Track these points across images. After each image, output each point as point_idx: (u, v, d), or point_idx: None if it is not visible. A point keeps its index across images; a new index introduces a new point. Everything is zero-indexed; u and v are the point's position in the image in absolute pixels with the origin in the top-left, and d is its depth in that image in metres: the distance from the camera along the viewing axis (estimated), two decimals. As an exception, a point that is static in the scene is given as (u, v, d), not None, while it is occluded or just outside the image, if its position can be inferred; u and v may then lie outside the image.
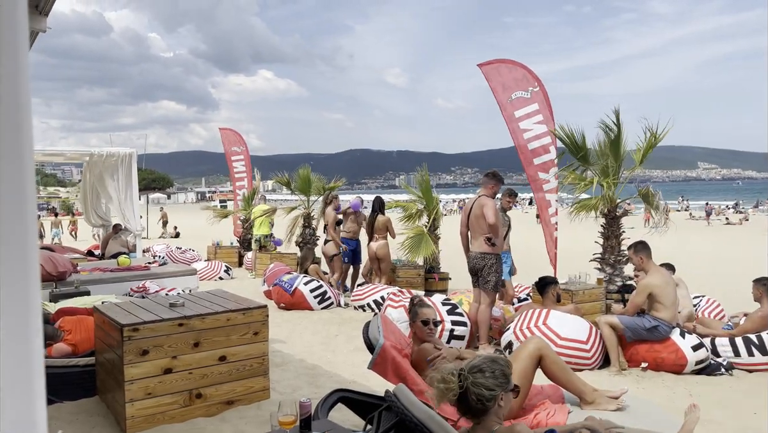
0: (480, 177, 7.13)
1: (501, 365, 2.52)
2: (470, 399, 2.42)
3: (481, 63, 8.47)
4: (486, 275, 6.31)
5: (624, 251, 7.68)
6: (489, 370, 2.47)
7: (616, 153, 7.43)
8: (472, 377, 2.44)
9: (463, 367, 2.52)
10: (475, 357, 2.60)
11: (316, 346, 6.46)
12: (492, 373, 2.47)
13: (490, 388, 2.43)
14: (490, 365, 2.50)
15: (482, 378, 2.44)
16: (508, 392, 2.48)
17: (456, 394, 2.43)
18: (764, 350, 5.69)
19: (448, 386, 2.43)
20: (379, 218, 9.15)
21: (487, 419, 2.44)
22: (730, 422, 4.28)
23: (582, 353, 5.62)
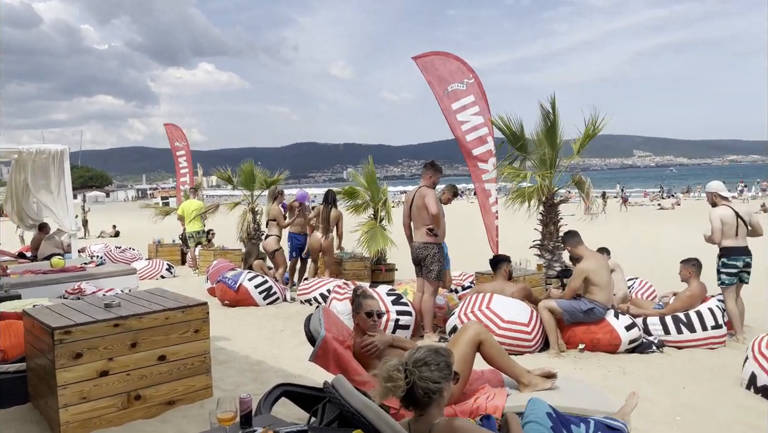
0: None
1: (444, 356, 2.52)
2: (417, 393, 2.40)
3: (416, 56, 8.48)
4: (429, 264, 6.40)
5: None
6: (434, 363, 2.46)
7: (553, 142, 7.64)
8: (417, 371, 2.42)
9: (406, 361, 2.49)
10: (417, 349, 2.56)
11: (261, 342, 6.40)
12: (437, 366, 2.46)
13: (436, 381, 2.43)
14: (434, 357, 2.48)
15: (428, 372, 2.43)
16: (450, 382, 2.49)
17: (404, 390, 2.40)
18: (692, 328, 6.00)
19: (395, 384, 2.39)
20: (333, 212, 9.12)
21: (430, 410, 2.44)
22: (661, 397, 4.49)
23: (524, 336, 5.78)
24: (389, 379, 2.41)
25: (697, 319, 6.01)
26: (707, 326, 5.99)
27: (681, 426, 3.91)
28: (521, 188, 7.82)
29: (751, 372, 4.59)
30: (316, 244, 9.08)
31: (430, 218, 6.34)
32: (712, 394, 4.59)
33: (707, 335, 5.97)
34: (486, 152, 8.35)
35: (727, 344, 6.06)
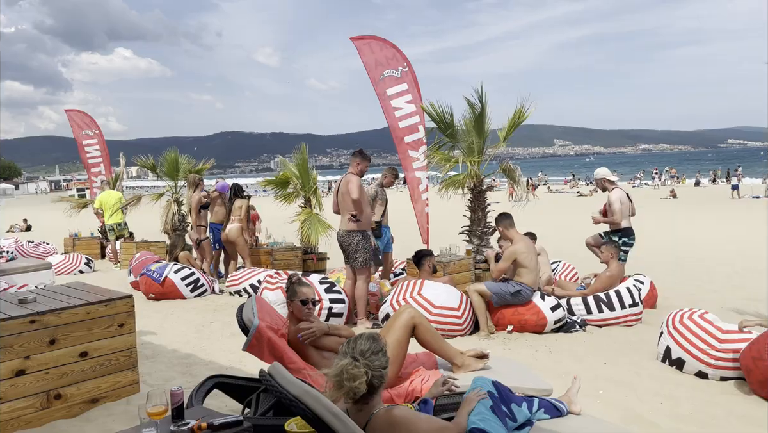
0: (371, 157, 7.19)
1: (383, 341, 2.52)
2: (374, 384, 2.37)
3: (354, 37, 8.46)
4: (353, 252, 6.41)
5: (489, 223, 8.12)
6: (380, 349, 2.45)
7: (480, 130, 7.78)
8: (370, 362, 2.39)
9: (355, 356, 2.40)
10: (356, 341, 2.49)
11: (190, 335, 6.21)
12: (382, 351, 2.46)
13: (385, 366, 2.42)
14: (377, 344, 2.47)
15: (378, 360, 2.41)
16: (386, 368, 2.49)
17: (366, 386, 2.33)
18: (612, 306, 6.31)
19: (358, 382, 2.32)
20: (236, 202, 8.95)
21: (373, 399, 2.42)
22: (584, 373, 4.68)
23: (455, 320, 5.90)
24: (351, 378, 2.32)
25: (617, 298, 6.33)
26: (625, 305, 6.31)
27: (603, 399, 4.11)
28: (452, 175, 7.94)
29: (666, 346, 4.87)
30: (224, 237, 8.96)
31: (353, 205, 6.35)
32: (631, 368, 4.84)
33: (625, 312, 6.30)
34: (417, 140, 8.44)
35: (643, 321, 6.41)
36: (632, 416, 3.78)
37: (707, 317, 4.76)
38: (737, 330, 4.50)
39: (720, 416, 3.78)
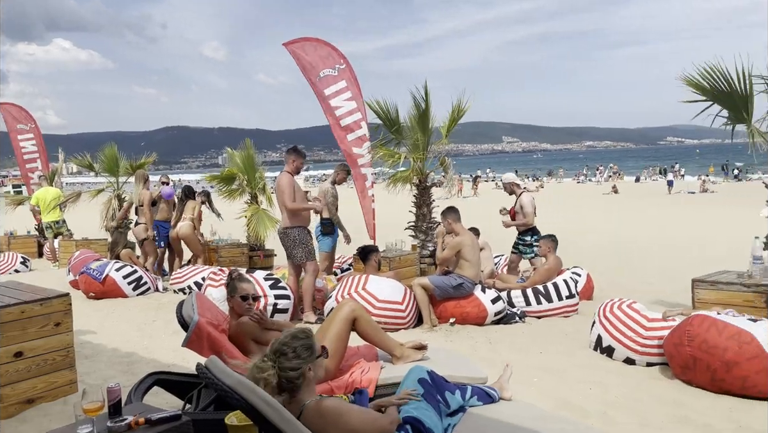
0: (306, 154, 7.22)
1: (302, 339, 2.56)
2: (282, 382, 2.47)
3: (287, 42, 8.35)
4: (291, 248, 6.46)
5: (435, 218, 8.29)
6: (291, 350, 2.51)
7: (425, 127, 7.93)
8: (278, 362, 2.49)
9: (268, 352, 2.55)
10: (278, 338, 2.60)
11: (132, 333, 6.12)
12: (294, 352, 2.51)
13: (294, 368, 2.49)
14: (290, 343, 2.53)
15: (286, 361, 2.49)
16: (314, 361, 2.54)
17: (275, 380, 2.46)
18: (550, 298, 6.55)
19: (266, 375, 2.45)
20: (189, 203, 8.86)
21: (299, 394, 2.50)
22: (520, 362, 4.88)
23: (398, 314, 6.02)
24: (260, 370, 2.47)
25: (554, 290, 6.58)
26: (562, 296, 6.57)
27: (537, 386, 4.29)
28: (398, 172, 8.07)
29: (598, 334, 5.12)
30: (173, 234, 8.84)
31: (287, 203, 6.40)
32: (565, 356, 5.07)
33: (562, 304, 6.56)
34: (360, 137, 8.47)
35: (580, 312, 6.68)
36: (563, 402, 3.97)
37: (635, 306, 5.02)
38: (662, 319, 4.76)
39: (644, 399, 4.01)
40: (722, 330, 4.05)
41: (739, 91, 5.88)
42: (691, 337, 4.16)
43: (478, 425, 2.82)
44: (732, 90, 5.91)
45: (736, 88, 5.88)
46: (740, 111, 5.97)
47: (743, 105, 5.92)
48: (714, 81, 5.98)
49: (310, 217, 6.88)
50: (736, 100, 5.92)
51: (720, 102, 6.08)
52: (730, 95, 5.94)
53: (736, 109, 5.96)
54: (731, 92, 5.92)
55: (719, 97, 6.03)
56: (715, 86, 5.99)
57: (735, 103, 5.96)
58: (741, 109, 5.93)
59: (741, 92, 5.88)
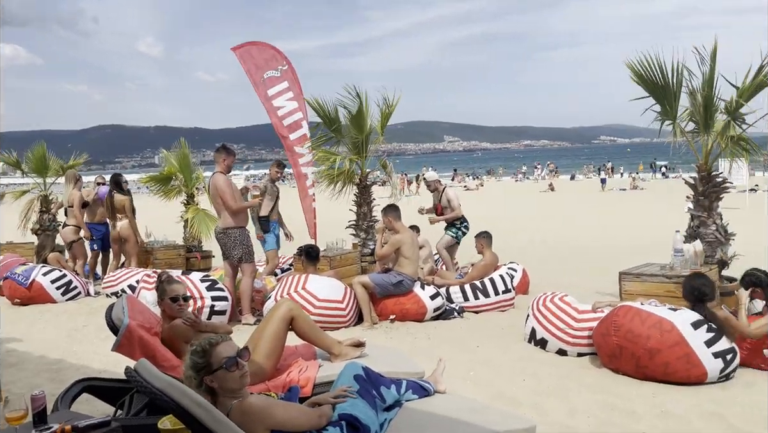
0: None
1: (197, 351, 2.50)
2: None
3: (234, 47, 8.59)
4: (230, 249, 6.37)
5: (375, 217, 8.33)
6: (188, 360, 2.51)
7: (361, 127, 7.97)
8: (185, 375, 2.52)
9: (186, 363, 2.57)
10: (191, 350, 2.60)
11: (60, 340, 5.88)
12: (187, 365, 2.51)
13: (189, 377, 2.49)
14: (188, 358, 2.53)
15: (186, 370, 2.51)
16: (218, 371, 2.45)
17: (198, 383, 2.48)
18: (486, 293, 6.71)
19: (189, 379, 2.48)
20: (116, 199, 8.53)
21: (219, 399, 2.48)
22: (457, 356, 4.99)
23: (338, 312, 6.03)
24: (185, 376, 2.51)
25: (491, 285, 6.74)
26: (499, 291, 6.74)
27: (473, 379, 4.40)
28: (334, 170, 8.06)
29: (532, 327, 5.28)
30: (114, 234, 8.55)
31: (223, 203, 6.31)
32: (500, 349, 5.21)
33: (499, 298, 6.73)
34: (301, 137, 8.55)
35: (516, 306, 6.87)
36: (497, 393, 4.08)
37: (566, 299, 5.21)
38: (591, 310, 4.96)
39: (573, 387, 4.17)
40: (645, 319, 4.26)
41: (671, 85, 6.08)
42: (617, 327, 4.36)
43: (413, 419, 2.87)
44: (665, 84, 6.10)
45: (669, 82, 6.09)
46: (669, 106, 6.19)
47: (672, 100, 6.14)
48: (651, 73, 6.13)
49: (248, 217, 6.81)
50: (668, 95, 6.13)
51: (654, 96, 6.25)
52: (664, 89, 6.13)
53: (667, 103, 6.16)
54: (665, 86, 6.11)
55: (654, 90, 6.21)
56: (651, 78, 6.16)
57: (667, 98, 6.15)
58: (669, 104, 6.16)
59: (672, 87, 6.09)
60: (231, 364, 2.47)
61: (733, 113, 5.77)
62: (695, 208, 6.12)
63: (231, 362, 2.48)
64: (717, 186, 6.00)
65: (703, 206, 6.03)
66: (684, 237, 6.00)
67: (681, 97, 6.06)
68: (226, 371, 2.45)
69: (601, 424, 3.57)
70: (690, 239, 5.92)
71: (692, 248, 5.57)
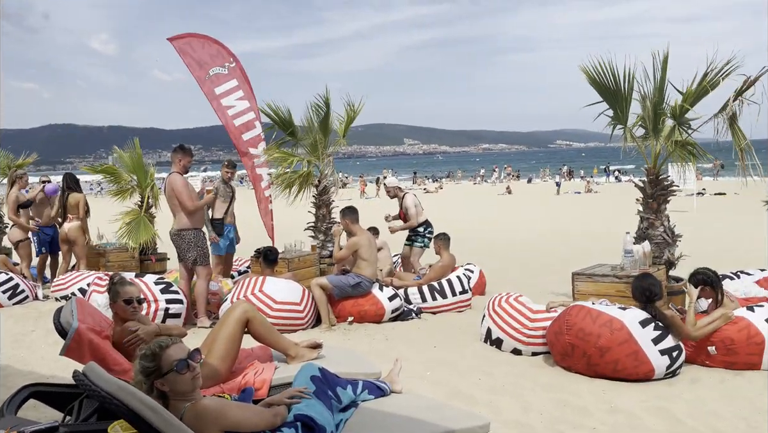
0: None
1: (147, 355, 2.49)
2: None
3: (171, 37, 7.99)
4: (185, 251, 6.27)
5: (334, 219, 8.32)
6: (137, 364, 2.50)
7: (325, 129, 7.96)
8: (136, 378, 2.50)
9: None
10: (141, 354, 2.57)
11: (6, 345, 5.68)
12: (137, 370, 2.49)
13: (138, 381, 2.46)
14: (137, 362, 2.51)
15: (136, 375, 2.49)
16: (168, 374, 2.44)
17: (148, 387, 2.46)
18: (444, 294, 6.78)
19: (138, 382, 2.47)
20: (71, 197, 8.26)
21: (170, 402, 2.45)
22: (415, 356, 5.04)
23: (296, 315, 6.01)
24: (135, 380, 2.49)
25: (448, 286, 6.81)
26: (456, 292, 6.81)
27: (430, 379, 4.45)
28: (293, 172, 8.02)
29: (488, 327, 5.36)
30: (62, 235, 8.28)
31: (180, 204, 6.22)
32: (457, 349, 5.27)
33: (456, 299, 6.80)
34: (255, 137, 8.31)
35: (473, 306, 6.95)
36: (454, 391, 4.14)
37: (521, 299, 5.31)
38: (545, 310, 5.07)
39: (527, 386, 4.26)
40: (596, 318, 4.38)
41: (623, 90, 6.27)
42: (569, 326, 4.47)
43: (368, 418, 2.89)
44: (617, 89, 6.28)
45: (621, 87, 6.26)
46: (621, 111, 6.37)
47: (623, 106, 6.33)
48: (603, 78, 6.28)
49: (204, 218, 6.71)
50: (619, 100, 6.31)
51: (607, 100, 6.42)
52: (616, 94, 6.31)
53: (619, 108, 6.34)
54: (616, 91, 6.29)
55: (607, 95, 6.38)
56: (603, 82, 6.31)
57: (618, 103, 6.33)
58: (621, 109, 6.34)
59: (624, 92, 6.27)
60: (182, 367, 2.45)
61: (678, 118, 5.99)
62: (644, 210, 6.33)
63: (182, 365, 2.46)
64: (665, 189, 6.22)
65: (651, 209, 6.24)
66: (633, 239, 6.19)
67: (632, 103, 6.24)
68: (177, 374, 2.43)
69: (553, 421, 3.65)
70: (639, 241, 6.12)
71: (641, 249, 5.76)
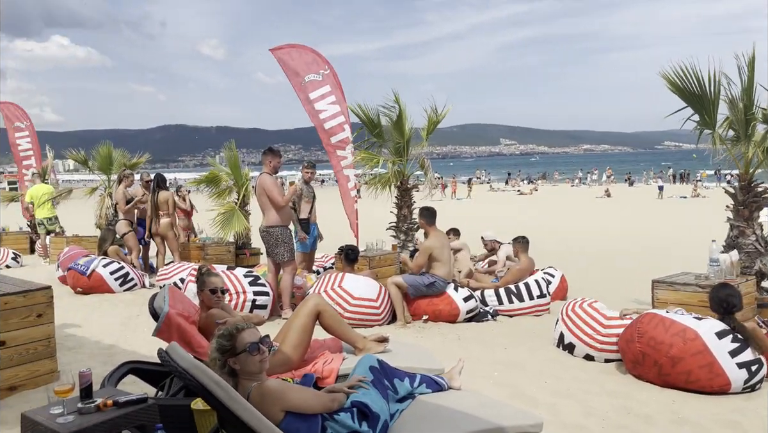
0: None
1: (224, 335, 2.76)
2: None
3: (273, 48, 8.74)
4: (273, 247, 6.67)
5: (415, 219, 8.51)
6: (214, 343, 2.77)
7: (401, 131, 8.17)
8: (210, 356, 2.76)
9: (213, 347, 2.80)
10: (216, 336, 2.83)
11: (115, 327, 6.33)
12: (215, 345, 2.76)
13: (213, 358, 2.74)
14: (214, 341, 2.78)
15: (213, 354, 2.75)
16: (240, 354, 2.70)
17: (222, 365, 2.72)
18: (521, 298, 6.78)
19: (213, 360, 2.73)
20: (161, 195, 9.02)
21: (239, 380, 2.73)
22: (486, 357, 5.12)
23: (373, 311, 6.25)
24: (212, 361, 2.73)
25: (525, 290, 6.80)
26: (533, 296, 6.79)
27: (495, 379, 4.52)
28: (377, 174, 8.30)
29: (560, 332, 5.34)
30: (154, 230, 9.04)
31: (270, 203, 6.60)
32: (528, 352, 5.29)
33: (533, 303, 6.78)
34: (344, 139, 8.76)
35: (552, 311, 6.89)
36: (517, 392, 4.19)
37: (595, 305, 5.25)
38: (619, 317, 4.99)
39: (593, 391, 4.24)
40: (669, 327, 4.28)
41: (709, 94, 6.02)
42: (641, 334, 4.39)
43: (422, 410, 3.04)
44: (702, 93, 6.04)
45: (706, 91, 6.03)
46: (708, 116, 6.11)
47: (710, 109, 6.07)
48: (687, 83, 6.08)
49: (291, 216, 7.09)
50: (705, 104, 6.06)
51: (692, 105, 6.19)
52: (701, 98, 6.07)
53: (705, 113, 6.09)
54: (702, 95, 6.06)
55: (691, 99, 6.15)
56: (687, 88, 6.11)
57: (705, 107, 6.08)
58: (708, 114, 6.09)
59: (710, 96, 6.02)
60: (254, 349, 2.73)
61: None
62: (734, 218, 6.02)
63: (254, 348, 2.74)
64: (758, 196, 5.89)
65: (742, 216, 5.93)
66: (723, 247, 5.92)
67: (721, 105, 5.96)
68: (249, 355, 2.71)
69: (614, 427, 3.64)
70: (728, 249, 5.84)
71: (728, 258, 5.50)
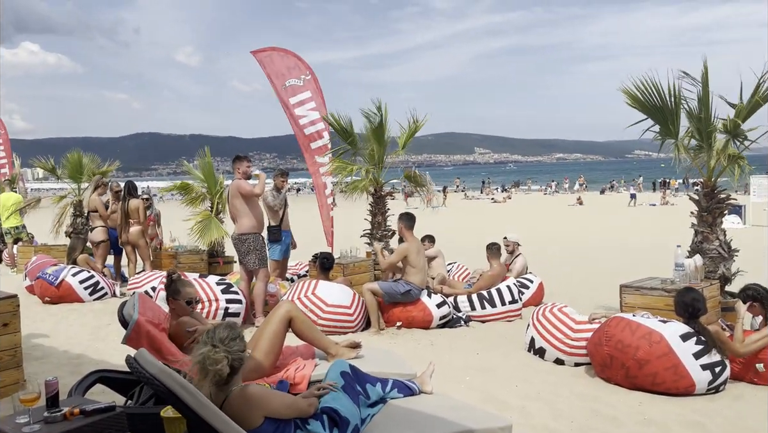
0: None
1: (238, 329, 2.73)
2: (234, 367, 2.60)
3: (255, 50, 8.71)
4: (245, 254, 6.64)
5: (390, 226, 8.55)
6: (237, 336, 2.68)
7: (380, 139, 8.21)
8: (229, 347, 2.60)
9: (214, 343, 2.60)
10: (215, 330, 2.68)
11: (84, 337, 6.24)
12: (240, 337, 2.70)
13: (242, 349, 2.67)
14: (234, 331, 2.69)
15: (236, 345, 2.65)
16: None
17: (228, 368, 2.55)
18: (493, 303, 6.86)
19: (220, 365, 2.54)
20: (131, 203, 8.90)
21: (233, 380, 2.65)
22: (457, 362, 5.17)
23: (346, 318, 6.26)
24: (214, 363, 2.54)
25: (497, 296, 6.88)
26: (506, 301, 6.88)
27: (467, 384, 4.56)
28: (352, 181, 8.31)
29: (531, 337, 5.41)
30: (124, 238, 8.91)
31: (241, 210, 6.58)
32: (500, 357, 5.36)
33: (505, 309, 6.86)
34: (322, 146, 8.78)
35: (523, 316, 6.97)
36: (488, 396, 4.24)
37: (565, 310, 5.34)
38: (588, 321, 5.08)
39: (562, 394, 4.31)
40: (635, 330, 4.38)
41: (669, 106, 6.20)
42: (608, 337, 4.48)
43: (393, 414, 3.07)
44: (663, 104, 6.22)
45: (667, 103, 6.20)
46: (671, 125, 6.29)
47: (672, 120, 6.25)
48: (648, 95, 6.26)
49: (263, 223, 7.05)
50: (666, 115, 6.24)
51: (653, 116, 6.38)
52: (662, 110, 6.25)
53: (666, 123, 6.28)
54: (663, 107, 6.23)
55: (652, 111, 6.34)
56: (648, 100, 6.29)
57: (666, 119, 6.27)
58: (669, 123, 6.26)
59: (670, 107, 6.20)
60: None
61: (732, 132, 5.84)
62: (699, 223, 6.19)
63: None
64: (720, 202, 6.06)
65: (706, 222, 6.09)
66: (687, 252, 6.06)
67: (682, 116, 6.15)
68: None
69: (582, 428, 3.70)
70: (693, 254, 5.98)
71: (693, 263, 5.64)
